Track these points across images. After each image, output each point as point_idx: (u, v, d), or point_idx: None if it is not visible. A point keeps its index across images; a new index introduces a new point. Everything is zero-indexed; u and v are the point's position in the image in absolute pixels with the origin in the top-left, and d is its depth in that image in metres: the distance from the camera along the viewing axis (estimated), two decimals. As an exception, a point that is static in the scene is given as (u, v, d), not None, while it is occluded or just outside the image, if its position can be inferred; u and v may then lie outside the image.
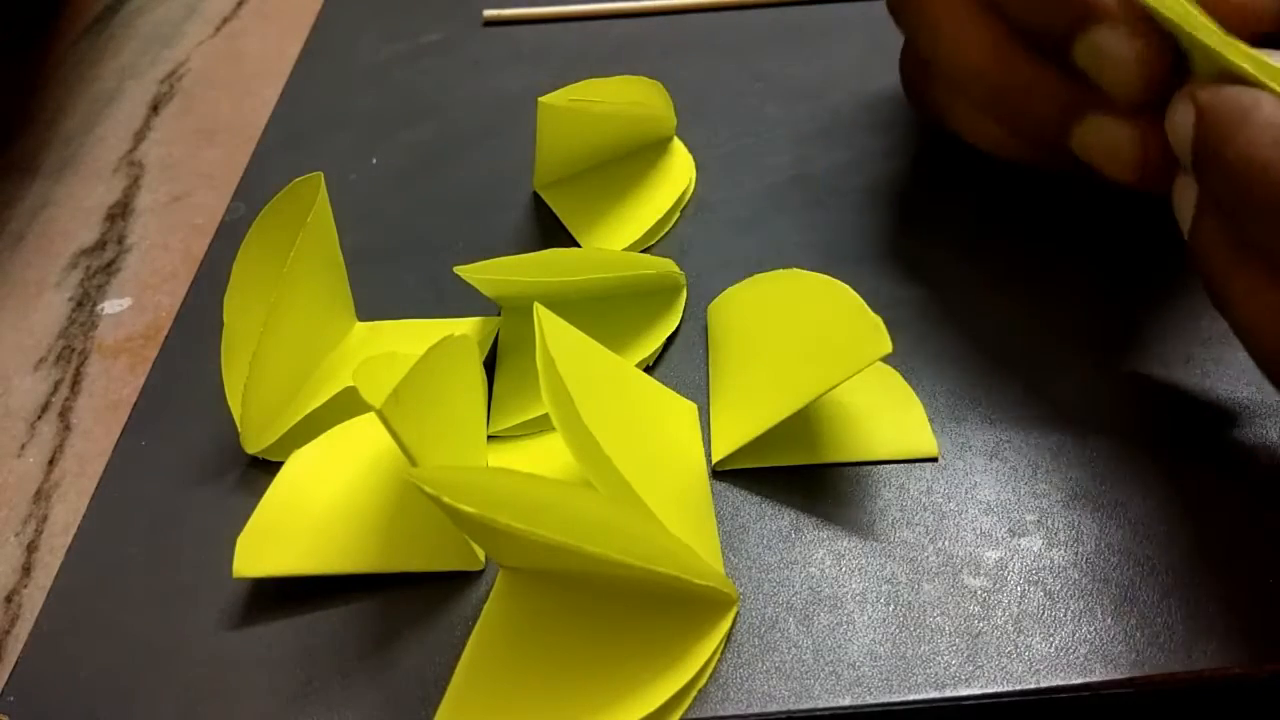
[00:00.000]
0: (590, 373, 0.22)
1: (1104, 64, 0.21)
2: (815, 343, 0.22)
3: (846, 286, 0.23)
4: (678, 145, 0.32)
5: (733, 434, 0.23)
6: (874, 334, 0.21)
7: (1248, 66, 0.18)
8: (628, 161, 0.31)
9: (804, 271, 0.25)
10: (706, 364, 0.26)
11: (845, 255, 0.28)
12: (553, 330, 0.21)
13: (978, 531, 0.21)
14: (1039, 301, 0.26)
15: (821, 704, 0.19)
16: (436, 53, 0.39)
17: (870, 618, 0.20)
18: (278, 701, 0.20)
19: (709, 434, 0.24)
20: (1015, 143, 0.25)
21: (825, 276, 0.24)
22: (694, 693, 0.19)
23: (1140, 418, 0.23)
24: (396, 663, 0.20)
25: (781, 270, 0.25)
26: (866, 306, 0.22)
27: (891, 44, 0.37)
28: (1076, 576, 0.20)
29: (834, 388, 0.21)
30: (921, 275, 0.27)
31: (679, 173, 0.31)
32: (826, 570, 0.21)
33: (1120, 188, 0.22)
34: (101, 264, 0.32)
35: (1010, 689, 0.19)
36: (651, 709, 0.18)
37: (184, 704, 0.20)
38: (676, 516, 0.20)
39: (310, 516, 0.22)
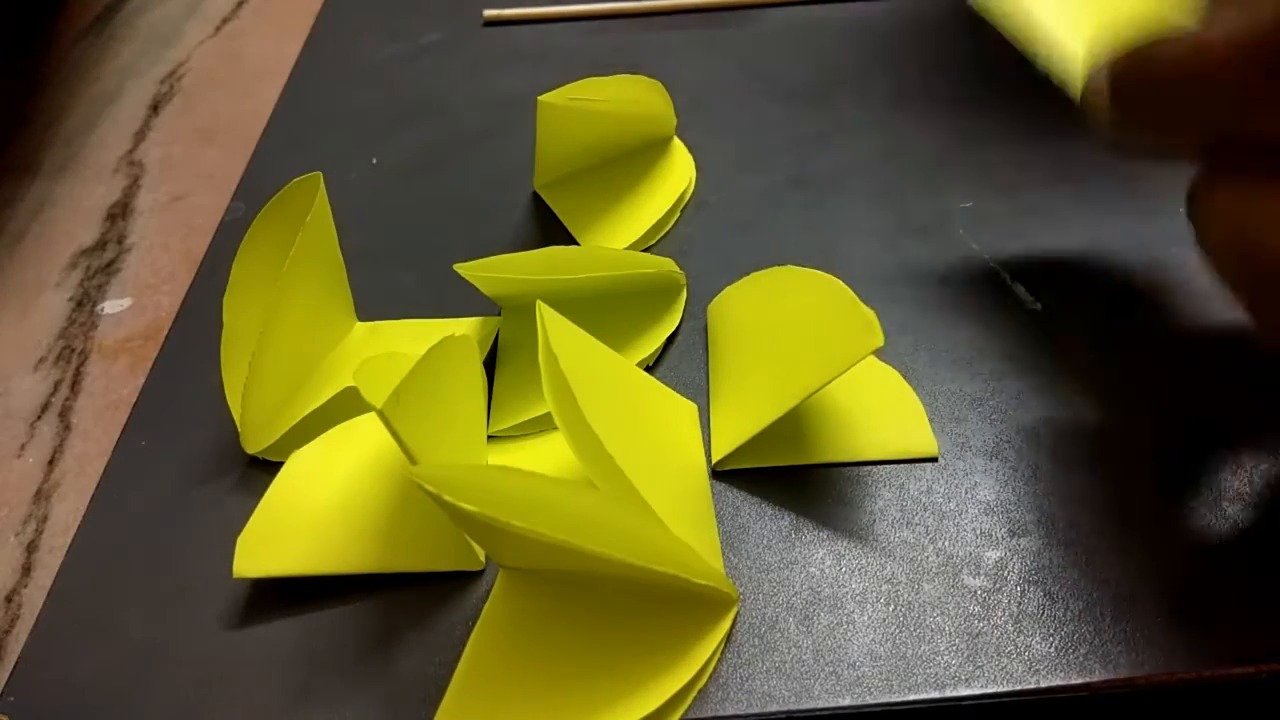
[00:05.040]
0: (592, 371, 0.22)
1: None
2: (810, 339, 0.22)
3: (839, 281, 0.23)
4: (678, 145, 0.32)
5: (732, 433, 0.23)
6: (866, 328, 0.21)
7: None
8: (628, 161, 0.31)
9: (798, 268, 0.25)
10: (706, 364, 0.26)
11: (844, 255, 0.28)
12: (555, 328, 0.21)
13: (978, 531, 0.21)
14: (1039, 301, 0.26)
15: (821, 704, 0.19)
16: (436, 53, 0.39)
17: (870, 618, 0.20)
18: (278, 701, 0.20)
19: (709, 434, 0.24)
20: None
21: (819, 272, 0.24)
22: (694, 693, 0.19)
23: (1141, 417, 0.23)
24: (396, 663, 0.20)
25: (777, 267, 0.25)
26: (859, 300, 0.22)
27: (891, 44, 0.37)
28: (1076, 576, 0.20)
29: (828, 383, 0.21)
30: (921, 275, 0.27)
31: (679, 173, 0.31)
32: (826, 570, 0.21)
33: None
34: (101, 264, 0.32)
35: (1010, 689, 0.19)
36: (651, 709, 0.18)
37: (184, 704, 0.20)
38: (677, 516, 0.20)
39: (310, 516, 0.22)
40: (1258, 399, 0.23)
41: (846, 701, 0.19)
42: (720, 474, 0.23)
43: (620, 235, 0.29)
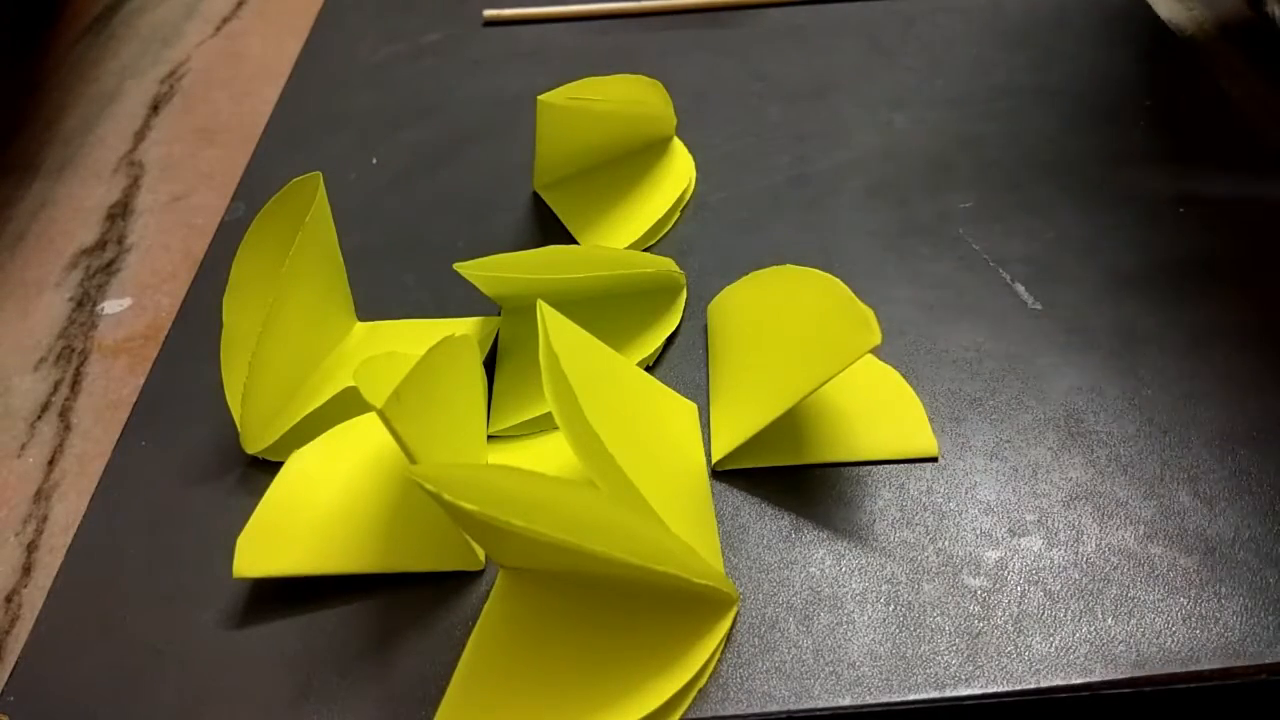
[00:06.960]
0: (593, 370, 0.22)
1: None
2: (808, 338, 0.22)
3: (838, 280, 0.23)
4: (678, 145, 0.32)
5: (731, 433, 0.23)
6: (864, 326, 0.21)
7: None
8: (628, 161, 0.31)
9: (797, 267, 0.25)
10: (706, 364, 0.26)
11: (845, 255, 0.28)
12: (556, 327, 0.21)
13: (978, 531, 0.21)
14: (1039, 301, 0.26)
15: (821, 704, 0.19)
16: (436, 53, 0.39)
17: (870, 618, 0.20)
18: (278, 701, 0.20)
19: (709, 434, 0.24)
20: None
21: (818, 271, 0.24)
22: (694, 693, 0.19)
23: (1140, 417, 0.23)
24: (396, 663, 0.20)
25: (776, 266, 0.25)
26: (856, 299, 0.22)
27: (891, 44, 0.37)
28: (1076, 576, 0.20)
29: (826, 382, 0.21)
30: (921, 275, 0.27)
31: (679, 173, 0.31)
32: (826, 570, 0.21)
33: None
34: (101, 264, 0.32)
35: (1010, 689, 0.19)
36: (651, 709, 0.18)
37: (184, 704, 0.20)
38: (677, 516, 0.20)
39: (310, 516, 0.22)
40: (1256, 394, 0.23)
41: (846, 701, 0.19)
42: (720, 474, 0.23)
43: (620, 235, 0.29)
